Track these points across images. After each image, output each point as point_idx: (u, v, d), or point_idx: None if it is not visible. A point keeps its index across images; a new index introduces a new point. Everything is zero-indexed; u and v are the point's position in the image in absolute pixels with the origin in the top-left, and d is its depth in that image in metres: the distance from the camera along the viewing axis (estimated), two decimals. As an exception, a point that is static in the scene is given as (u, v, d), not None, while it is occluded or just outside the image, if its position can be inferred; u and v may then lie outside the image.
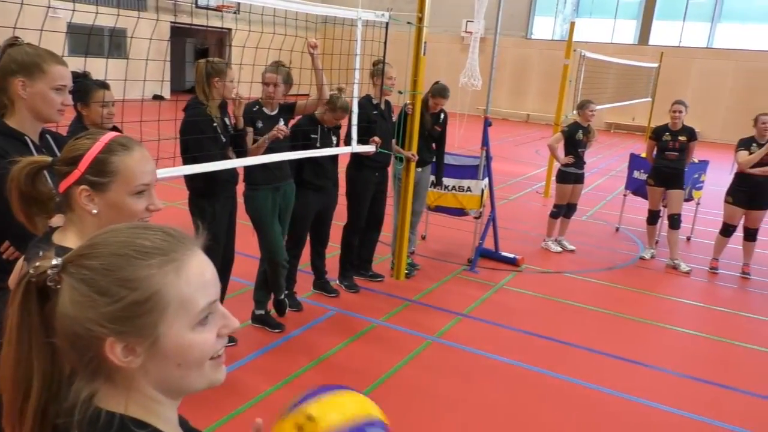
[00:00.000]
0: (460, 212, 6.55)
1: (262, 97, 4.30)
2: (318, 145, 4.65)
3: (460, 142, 8.66)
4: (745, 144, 6.37)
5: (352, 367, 4.16)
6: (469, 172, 6.38)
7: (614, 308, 5.59)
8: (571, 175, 6.91)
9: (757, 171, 6.24)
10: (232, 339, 4.29)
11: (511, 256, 6.52)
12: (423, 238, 7.09)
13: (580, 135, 6.83)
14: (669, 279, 6.54)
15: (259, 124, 4.25)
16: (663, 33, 22.08)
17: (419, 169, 5.85)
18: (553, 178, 7.95)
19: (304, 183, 4.71)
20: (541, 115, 22.36)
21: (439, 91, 5.66)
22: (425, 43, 5.19)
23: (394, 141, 5.51)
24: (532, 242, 7.38)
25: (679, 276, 6.60)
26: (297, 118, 4.66)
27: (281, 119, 4.34)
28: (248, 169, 4.32)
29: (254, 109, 4.28)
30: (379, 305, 5.25)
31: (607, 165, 13.83)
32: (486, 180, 6.38)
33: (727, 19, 21.71)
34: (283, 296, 4.68)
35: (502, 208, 8.92)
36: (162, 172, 3.45)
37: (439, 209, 6.65)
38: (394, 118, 5.53)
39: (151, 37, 3.63)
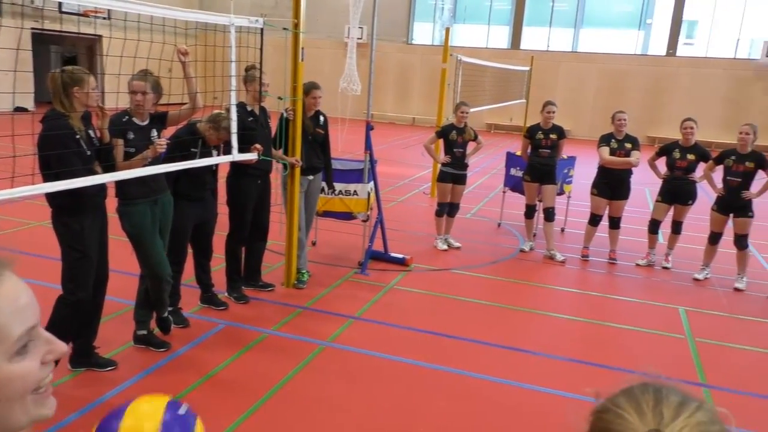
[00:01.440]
0: (348, 216, 6.60)
1: (131, 107, 4.10)
2: (198, 158, 4.49)
3: (346, 147, 8.72)
4: (606, 140, 6.91)
5: (243, 380, 4.06)
6: (354, 176, 6.44)
7: (499, 300, 5.86)
8: (448, 175, 7.17)
9: (615, 162, 6.78)
10: (111, 363, 4.05)
11: (400, 256, 6.66)
12: (313, 244, 7.07)
13: (453, 135, 7.10)
14: (547, 269, 6.96)
15: (130, 135, 4.05)
16: (533, 38, 23.51)
17: (310, 177, 5.82)
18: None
19: (181, 194, 4.54)
20: (426, 117, 23.01)
21: (312, 85, 5.61)
22: (303, 48, 5.18)
23: (280, 149, 5.45)
24: (422, 242, 7.58)
25: (555, 265, 7.03)
26: (177, 128, 4.49)
27: (154, 130, 4.16)
28: (121, 184, 4.09)
29: (123, 119, 4.07)
30: (270, 315, 5.17)
31: (488, 164, 14.48)
32: (372, 183, 6.47)
33: (589, 25, 23.51)
34: (166, 313, 4.48)
35: (392, 210, 9.10)
36: (22, 191, 3.20)
37: (327, 214, 6.67)
38: (272, 124, 5.47)
39: (17, 46, 3.34)
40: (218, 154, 4.75)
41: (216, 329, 4.81)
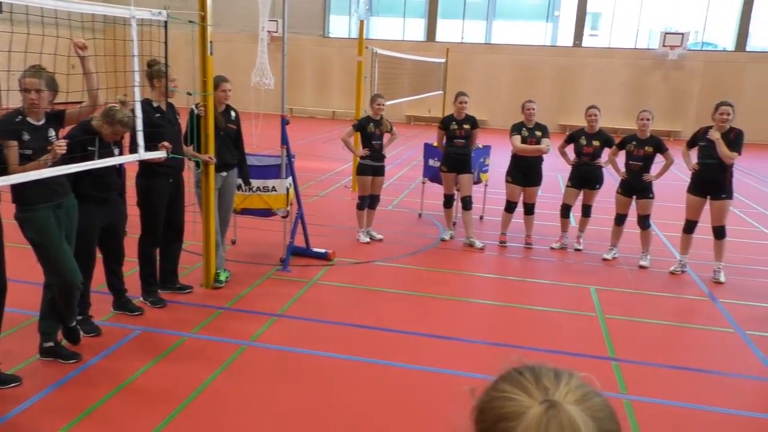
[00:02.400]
0: (267, 213, 6.49)
1: (24, 106, 3.84)
2: (96, 158, 4.26)
3: (262, 142, 8.57)
4: (517, 129, 7.14)
5: (161, 387, 3.92)
6: (272, 171, 6.34)
7: (421, 289, 5.95)
8: (368, 167, 7.19)
9: (527, 150, 7.02)
10: (15, 379, 3.81)
11: (323, 251, 6.62)
12: (233, 242, 6.91)
13: (371, 128, 7.13)
14: (467, 256, 7.12)
15: (26, 137, 3.79)
16: (448, 30, 23.92)
17: (225, 174, 5.69)
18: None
19: (85, 197, 4.30)
20: (346, 111, 22.94)
21: (220, 78, 5.48)
22: (211, 42, 5.03)
23: (191, 146, 5.28)
24: (344, 235, 7.57)
25: (475, 252, 7.21)
26: (71, 127, 4.24)
27: (51, 130, 3.92)
28: (19, 188, 3.83)
29: (17, 119, 3.81)
30: (189, 317, 5.02)
31: (408, 156, 14.64)
32: (290, 178, 6.40)
33: (501, 17, 24.18)
34: (74, 323, 4.25)
35: (313, 204, 9.04)
36: None
37: (245, 212, 6.53)
38: (182, 121, 5.29)
39: None
40: (121, 153, 4.54)
41: (131, 336, 4.61)
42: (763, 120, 19.64)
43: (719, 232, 6.39)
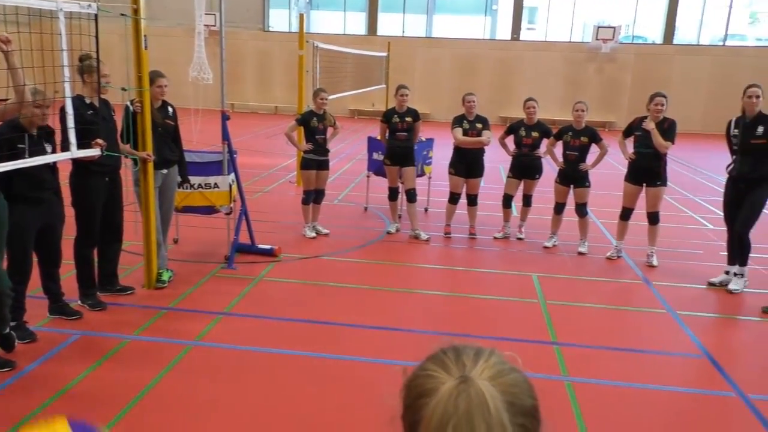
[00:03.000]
0: (210, 210, 6.38)
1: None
2: (27, 156, 4.09)
3: (203, 138, 8.41)
4: (458, 122, 7.25)
5: (103, 391, 3.81)
6: (214, 168, 6.23)
7: (368, 282, 5.98)
8: (312, 162, 7.17)
9: (468, 142, 7.14)
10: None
11: (268, 247, 6.56)
12: (175, 241, 6.76)
13: (314, 122, 7.10)
14: (413, 248, 7.20)
15: (-55, 136, 3.60)
16: (389, 24, 23.99)
17: (164, 171, 5.55)
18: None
19: (18, 197, 4.13)
20: (289, 106, 22.70)
21: (156, 73, 5.35)
22: (145, 36, 4.89)
23: (128, 143, 5.13)
24: (290, 231, 7.52)
25: (420, 244, 7.29)
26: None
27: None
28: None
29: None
30: (131, 319, 4.89)
31: (352, 150, 14.64)
32: (233, 174, 6.30)
33: (441, 11, 24.43)
34: (8, 330, 4.08)
35: (257, 201, 8.93)
36: None
37: (187, 209, 6.40)
38: (118, 117, 5.13)
39: None
40: (53, 150, 4.37)
41: (69, 341, 4.46)
42: (689, 109, 20.58)
43: (653, 218, 6.68)
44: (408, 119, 7.32)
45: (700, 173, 13.01)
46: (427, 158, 8.65)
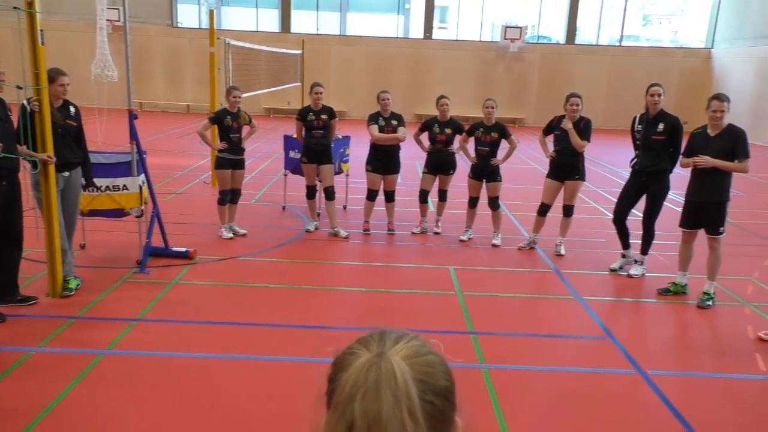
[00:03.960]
0: (119, 213, 6.12)
1: None
2: None
3: (109, 138, 8.04)
4: (374, 119, 7.33)
5: (5, 407, 3.59)
6: (122, 169, 5.98)
7: (289, 281, 5.94)
8: (227, 161, 7.03)
9: (384, 139, 7.23)
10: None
11: (183, 249, 6.38)
12: (82, 247, 6.44)
13: (228, 121, 6.97)
14: (332, 246, 7.21)
15: None
16: (302, 22, 23.81)
17: (66, 174, 5.27)
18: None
19: None
20: (201, 104, 22.09)
21: (56, 71, 5.08)
22: (41, 30, 4.62)
23: (25, 144, 4.83)
24: (206, 232, 7.33)
25: (340, 242, 7.32)
26: None
27: None
28: None
29: None
30: (35, 330, 4.62)
31: (269, 149, 14.44)
32: (143, 176, 6.07)
33: (354, 10, 24.51)
34: None
35: (171, 202, 8.65)
36: None
37: (94, 213, 6.11)
38: (14, 117, 4.83)
39: None
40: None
41: (-34, 357, 4.16)
42: (591, 106, 21.64)
43: (568, 211, 7.03)
44: (323, 117, 7.31)
45: (602, 166, 13.77)
46: (344, 156, 8.68)
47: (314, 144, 7.33)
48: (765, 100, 20.14)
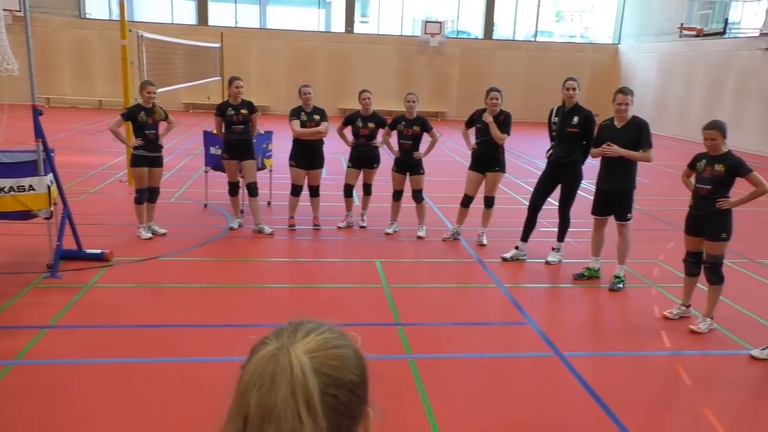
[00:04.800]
0: (25, 215, 5.77)
1: None
2: None
3: (12, 136, 7.57)
4: (295, 114, 7.26)
5: None
6: (27, 168, 5.64)
7: (213, 280, 5.81)
8: (143, 159, 6.78)
9: (307, 134, 7.18)
10: None
11: (98, 251, 6.10)
12: (-15, 252, 6.04)
13: (143, 116, 6.72)
14: (257, 243, 7.10)
15: None
16: (220, 14, 23.20)
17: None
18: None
19: None
20: (114, 100, 21.13)
21: None
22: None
23: None
24: (123, 233, 7.05)
25: (264, 238, 7.22)
26: None
27: None
28: None
29: None
30: (-66, 344, 4.30)
31: (188, 145, 14.02)
32: (51, 175, 5.76)
33: (274, 2, 24.11)
34: None
35: (84, 202, 8.25)
36: None
37: (-2, 216, 5.73)
38: None
39: None
40: None
41: None
42: (508, 100, 22.40)
43: (489, 202, 7.23)
44: (244, 112, 7.17)
45: (520, 158, 14.25)
46: (267, 151, 8.55)
47: (235, 140, 7.18)
48: (667, 94, 21.46)
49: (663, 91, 21.67)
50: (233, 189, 7.44)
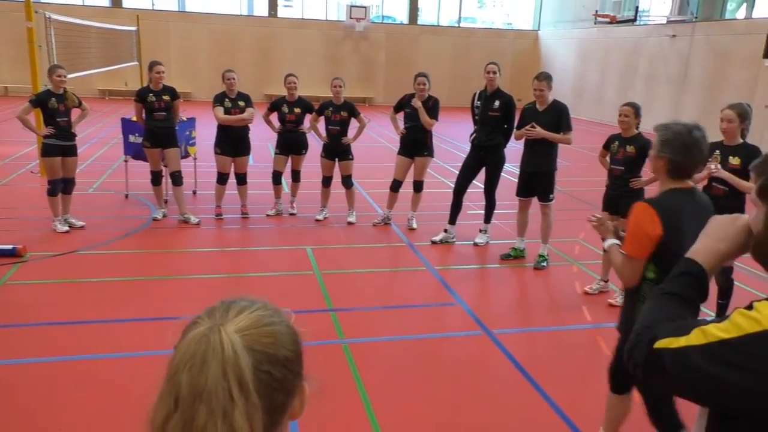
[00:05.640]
0: (-74, 211, 5.36)
1: None
2: None
3: None
4: (219, 100, 7.06)
5: None
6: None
7: (136, 273, 5.60)
8: (56, 148, 6.42)
9: (231, 120, 7.01)
10: None
11: (9, 247, 5.76)
12: None
13: (53, 103, 6.36)
14: (183, 233, 6.90)
15: None
16: (136, -4, 22.19)
17: None
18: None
19: None
20: (22, 86, 19.82)
21: None
22: None
23: None
24: (37, 227, 6.68)
25: (191, 228, 7.02)
26: None
27: None
28: None
29: None
30: None
31: (106, 134, 13.40)
32: (-47, 167, 5.36)
33: (193, -15, 23.27)
34: None
35: (-11, 196, 7.74)
36: None
37: None
38: None
39: None
40: None
41: None
42: (433, 85, 22.70)
43: (418, 186, 7.31)
44: (165, 98, 6.92)
45: (447, 142, 14.48)
46: (190, 138, 8.29)
47: (157, 127, 6.92)
48: (584, 79, 22.34)
49: (580, 77, 22.53)
50: (156, 178, 7.18)
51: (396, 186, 7.32)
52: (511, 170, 8.56)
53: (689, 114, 17.61)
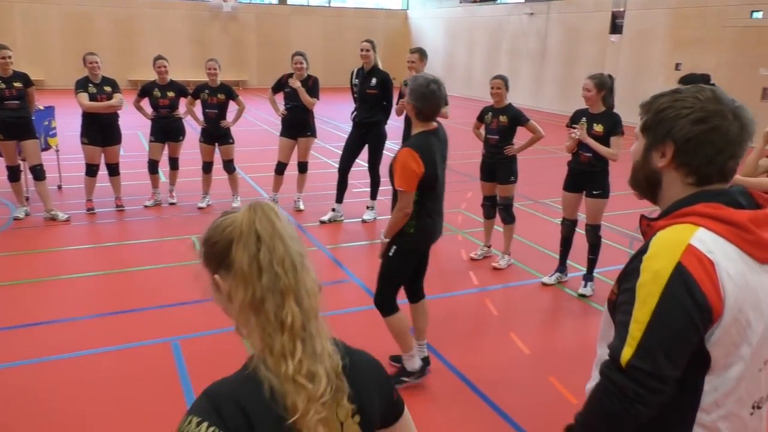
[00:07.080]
0: None
1: None
2: None
3: None
4: (82, 85, 6.55)
5: None
6: None
7: (1, 279, 5.12)
8: None
9: (98, 107, 6.57)
10: None
11: None
12: None
13: None
14: (51, 231, 6.39)
15: None
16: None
17: None
18: None
19: None
20: None
21: None
22: None
23: None
24: None
25: (60, 225, 6.52)
26: None
27: None
28: None
29: None
30: None
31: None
32: None
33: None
34: None
35: None
36: None
37: None
38: None
39: None
40: None
41: None
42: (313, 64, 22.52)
43: (303, 167, 7.27)
44: (17, 85, 6.31)
45: (327, 123, 14.46)
46: (50, 129, 7.65)
47: (10, 117, 6.30)
48: (454, 57, 23.15)
49: (450, 54, 23.32)
50: (13, 174, 6.57)
51: (280, 168, 7.24)
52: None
53: (549, 86, 18.88)
